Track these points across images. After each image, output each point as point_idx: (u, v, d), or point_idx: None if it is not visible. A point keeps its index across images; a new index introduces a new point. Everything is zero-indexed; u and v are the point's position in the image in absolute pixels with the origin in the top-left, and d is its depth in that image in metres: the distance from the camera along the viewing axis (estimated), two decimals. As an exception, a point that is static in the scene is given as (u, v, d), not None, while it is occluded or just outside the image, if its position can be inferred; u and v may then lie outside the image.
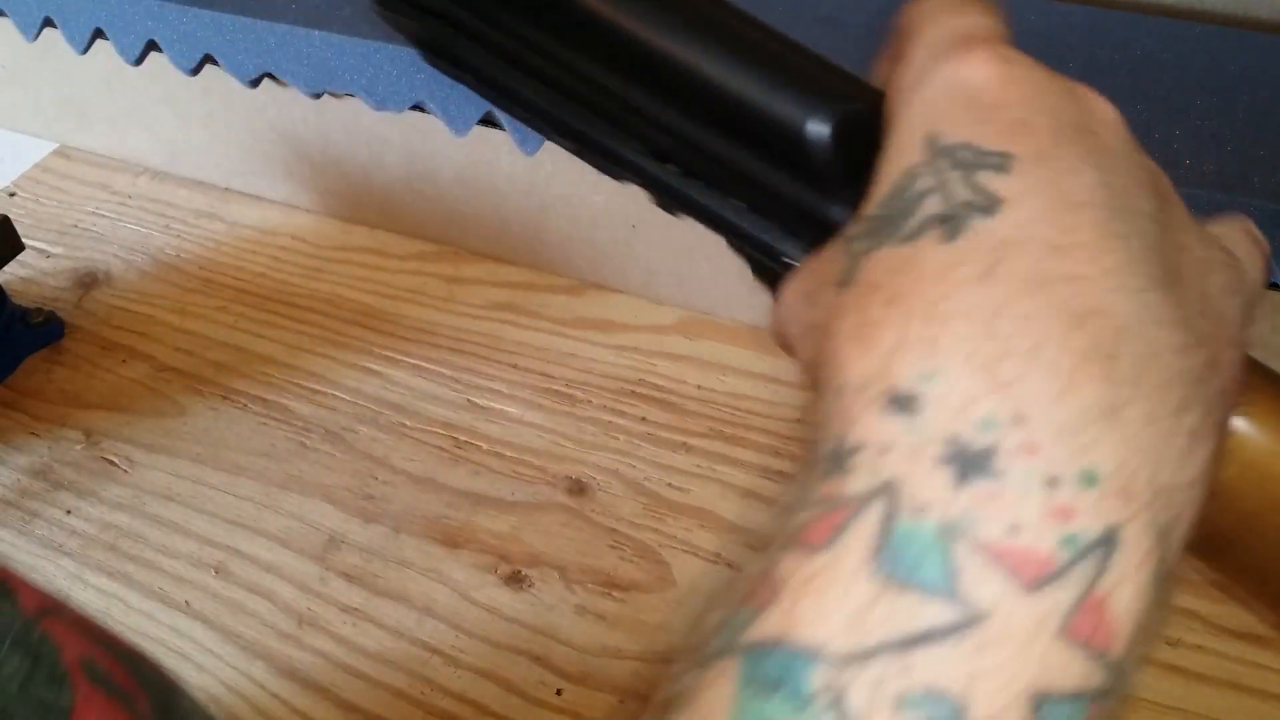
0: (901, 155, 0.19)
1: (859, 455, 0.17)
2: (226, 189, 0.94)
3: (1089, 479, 0.16)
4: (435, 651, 0.62)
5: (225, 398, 0.77)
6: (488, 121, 0.57)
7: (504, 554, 0.67)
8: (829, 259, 0.20)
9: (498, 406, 0.75)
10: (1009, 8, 0.21)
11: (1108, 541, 0.16)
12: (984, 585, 0.15)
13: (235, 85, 0.63)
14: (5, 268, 0.83)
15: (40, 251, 0.89)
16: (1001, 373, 0.16)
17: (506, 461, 0.72)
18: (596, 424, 0.73)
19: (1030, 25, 0.54)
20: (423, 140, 0.74)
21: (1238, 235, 0.22)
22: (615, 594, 0.65)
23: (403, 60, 0.57)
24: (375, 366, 0.78)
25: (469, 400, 0.76)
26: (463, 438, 0.74)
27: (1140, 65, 0.52)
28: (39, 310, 0.81)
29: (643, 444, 0.70)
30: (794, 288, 0.22)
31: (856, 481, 0.16)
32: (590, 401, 0.75)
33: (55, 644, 0.29)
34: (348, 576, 0.66)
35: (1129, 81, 0.51)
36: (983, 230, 0.17)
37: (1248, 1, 0.56)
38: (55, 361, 0.80)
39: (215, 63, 0.63)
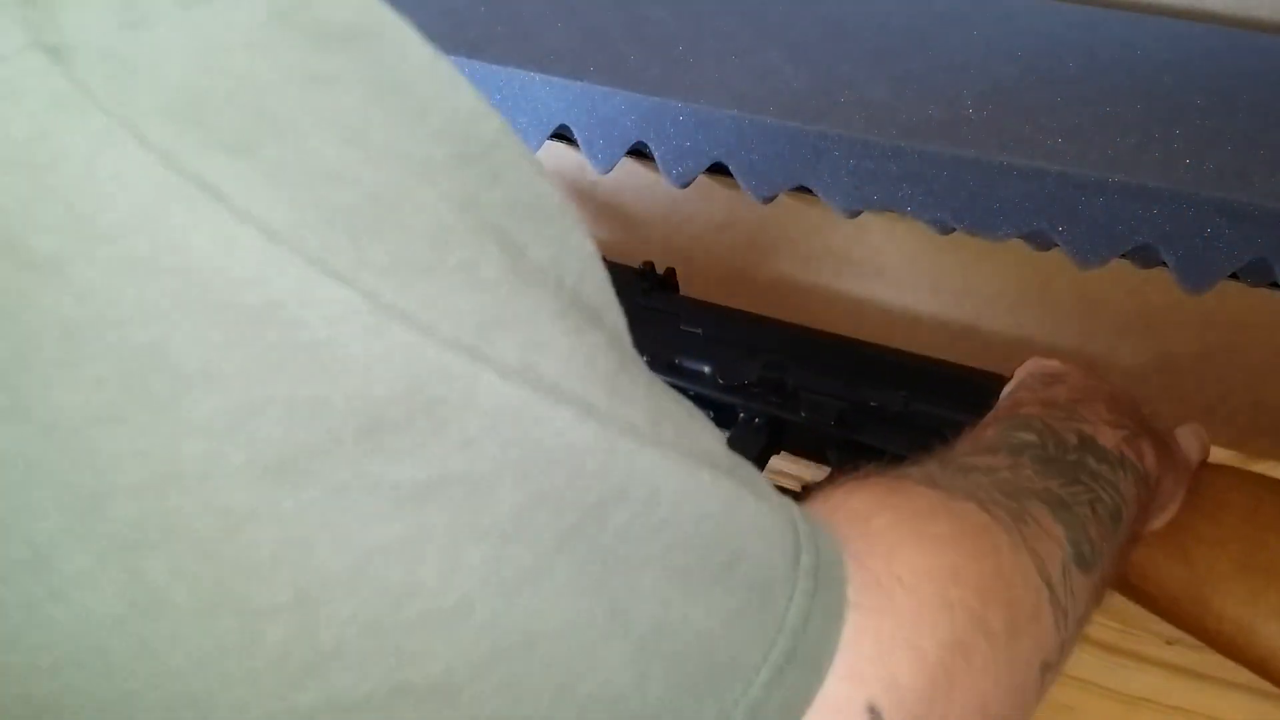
0: (1013, 391, 0.46)
1: None
2: (226, 188, 0.94)
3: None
4: (435, 651, 0.62)
5: (225, 397, 0.77)
6: (488, 121, 0.57)
7: (504, 554, 0.67)
8: None
9: (497, 406, 0.75)
10: (1010, 9, 0.21)
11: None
12: None
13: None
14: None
15: (40, 251, 0.89)
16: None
17: (506, 461, 0.72)
18: (596, 424, 0.73)
19: (1030, 25, 0.54)
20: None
21: (1189, 436, 0.48)
22: (615, 594, 0.65)
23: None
24: (375, 366, 0.78)
25: (469, 400, 0.76)
26: (462, 437, 0.74)
27: (1140, 65, 0.52)
28: (39, 310, 0.81)
29: (642, 444, 0.70)
30: None
31: None
32: (590, 401, 0.74)
33: None
34: (347, 576, 0.66)
35: (1129, 81, 0.51)
36: (1046, 394, 0.43)
37: (1248, 1, 0.56)
38: (55, 361, 0.80)
39: (215, 62, 0.63)
